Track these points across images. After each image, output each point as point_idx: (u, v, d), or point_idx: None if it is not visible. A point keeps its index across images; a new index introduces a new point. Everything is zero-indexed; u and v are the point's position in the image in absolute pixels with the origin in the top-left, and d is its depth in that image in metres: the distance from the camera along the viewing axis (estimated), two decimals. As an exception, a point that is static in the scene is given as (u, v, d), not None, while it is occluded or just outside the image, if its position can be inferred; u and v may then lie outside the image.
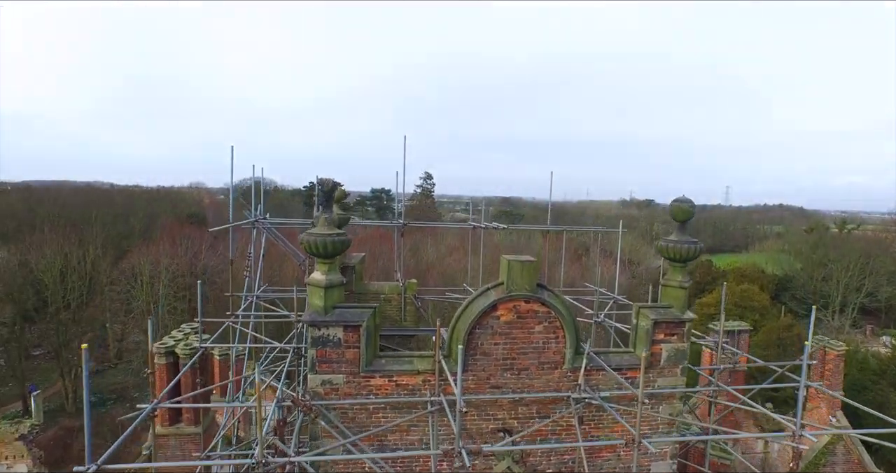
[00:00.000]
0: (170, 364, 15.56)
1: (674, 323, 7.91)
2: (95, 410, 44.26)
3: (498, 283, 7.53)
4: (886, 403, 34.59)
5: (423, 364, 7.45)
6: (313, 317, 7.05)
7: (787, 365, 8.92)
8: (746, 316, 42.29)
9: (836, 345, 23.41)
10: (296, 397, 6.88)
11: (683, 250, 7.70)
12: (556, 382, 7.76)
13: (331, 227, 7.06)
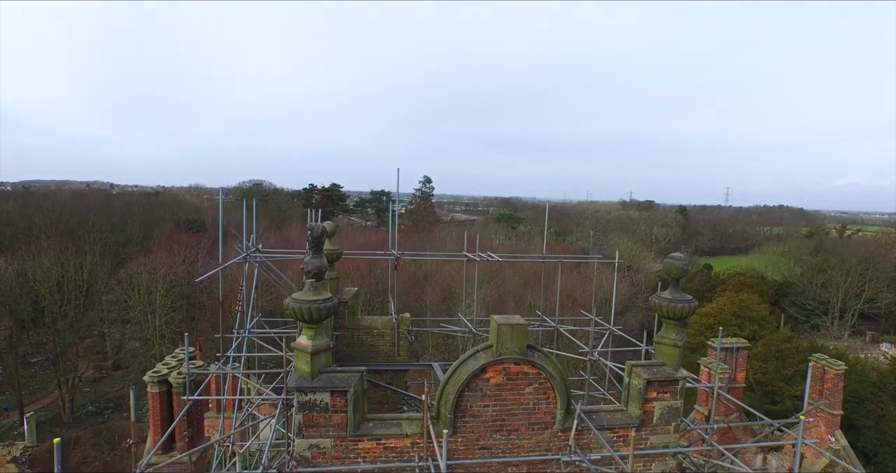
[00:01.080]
0: (163, 392, 15.43)
1: (667, 381, 7.80)
2: (93, 419, 44.20)
3: (487, 346, 7.42)
4: (886, 415, 34.50)
5: (412, 427, 7.35)
6: (300, 383, 6.95)
7: (779, 423, 8.77)
8: (745, 326, 42.22)
9: (835, 364, 23.26)
10: (282, 466, 6.79)
11: (678, 309, 7.59)
12: (546, 443, 7.66)
13: (317, 293, 6.95)
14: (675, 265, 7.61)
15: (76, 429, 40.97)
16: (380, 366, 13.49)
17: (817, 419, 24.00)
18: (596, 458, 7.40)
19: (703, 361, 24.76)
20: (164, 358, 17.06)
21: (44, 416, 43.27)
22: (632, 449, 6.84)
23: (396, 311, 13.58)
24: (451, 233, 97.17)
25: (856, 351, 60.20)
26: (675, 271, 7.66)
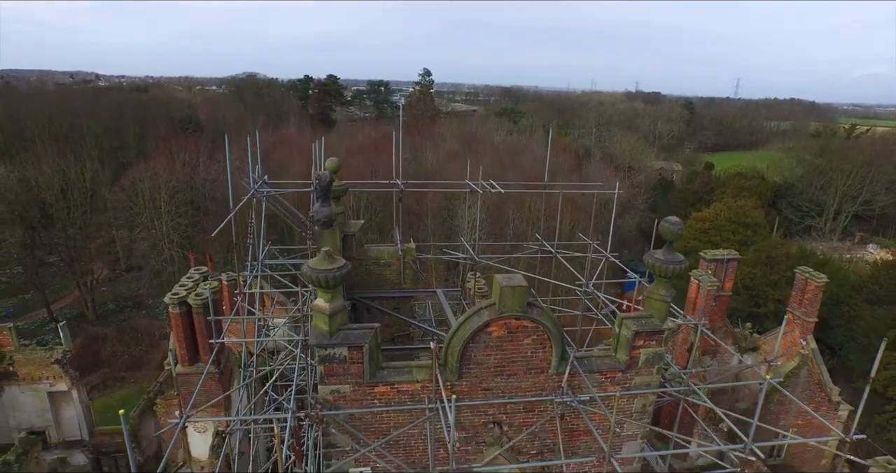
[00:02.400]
0: (183, 312, 16.51)
1: (653, 332, 8.54)
2: (115, 317, 46.98)
3: (490, 304, 8.02)
4: (858, 316, 36.71)
5: (422, 374, 8.21)
6: (320, 340, 7.66)
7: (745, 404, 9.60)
8: (739, 232, 43.30)
9: (817, 277, 24.36)
10: (308, 410, 7.71)
11: (669, 269, 8.09)
12: (542, 385, 8.59)
13: (332, 261, 7.39)
14: (669, 229, 7.97)
15: (100, 326, 43.78)
16: (387, 293, 14.36)
17: (792, 325, 25.64)
18: (584, 399, 8.35)
19: (694, 273, 25.88)
20: (181, 280, 17.98)
21: (69, 314, 45.97)
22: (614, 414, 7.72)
23: (402, 237, 14.14)
24: (451, 128, 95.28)
25: (843, 253, 62.26)
26: (670, 234, 8.04)
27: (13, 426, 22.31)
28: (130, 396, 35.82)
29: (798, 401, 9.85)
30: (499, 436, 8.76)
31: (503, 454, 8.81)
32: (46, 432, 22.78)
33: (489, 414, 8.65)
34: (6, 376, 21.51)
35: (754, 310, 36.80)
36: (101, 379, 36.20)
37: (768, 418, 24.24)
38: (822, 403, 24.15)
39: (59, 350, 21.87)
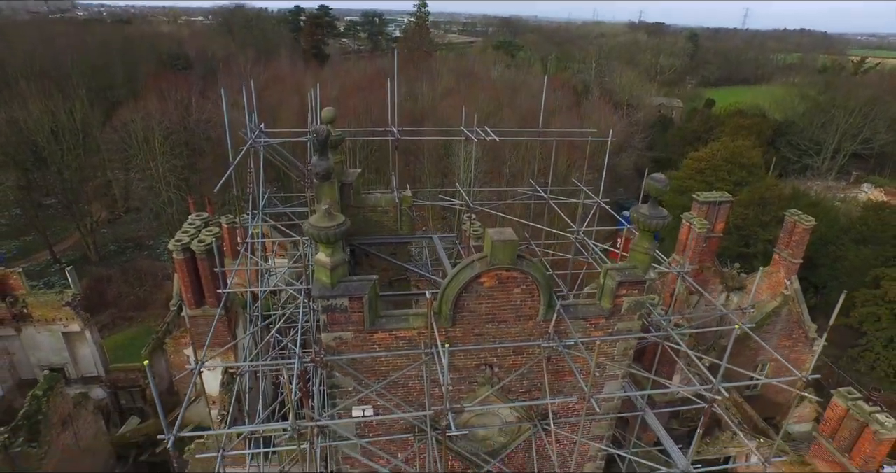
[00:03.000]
0: (188, 258, 17.04)
1: (636, 282, 9.07)
2: (118, 258, 47.76)
3: (482, 256, 8.48)
4: (843, 256, 37.66)
5: (418, 321, 8.80)
6: (322, 292, 8.17)
7: (722, 330, 10.22)
8: (734, 172, 43.42)
9: (805, 220, 24.88)
10: (313, 355, 8.34)
11: (653, 225, 8.50)
12: (530, 330, 9.22)
13: (331, 218, 7.74)
14: (655, 186, 8.29)
15: (104, 268, 44.63)
16: (384, 239, 14.83)
17: (778, 265, 26.45)
18: (570, 344, 9.01)
19: (686, 216, 26.35)
20: (183, 226, 18.38)
21: (72, 256, 46.72)
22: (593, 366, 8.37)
23: (398, 183, 14.41)
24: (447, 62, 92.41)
25: (837, 193, 62.62)
26: (655, 191, 8.37)
27: (34, 363, 23.46)
28: (138, 335, 37.20)
29: (765, 345, 10.53)
30: (490, 377, 9.51)
31: (494, 393, 9.59)
32: (65, 369, 23.96)
33: (481, 357, 9.34)
34: (22, 318, 22.36)
35: (744, 250, 37.65)
36: (109, 318, 37.46)
37: (747, 354, 25.56)
38: (799, 339, 25.39)
39: (69, 293, 22.61)
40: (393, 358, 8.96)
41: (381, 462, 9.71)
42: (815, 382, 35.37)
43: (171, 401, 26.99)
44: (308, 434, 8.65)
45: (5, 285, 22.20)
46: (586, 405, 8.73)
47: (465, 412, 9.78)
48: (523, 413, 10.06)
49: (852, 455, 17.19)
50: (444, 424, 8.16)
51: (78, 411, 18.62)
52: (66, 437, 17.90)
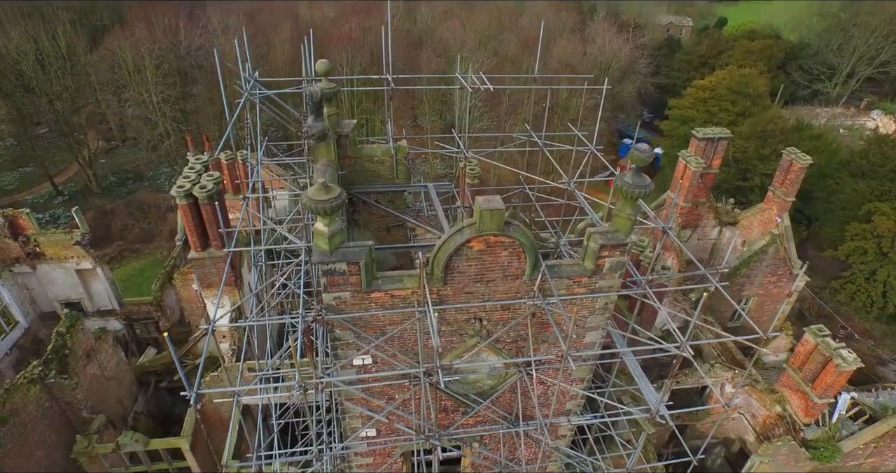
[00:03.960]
0: (191, 203, 17.48)
1: (617, 245, 9.62)
2: (119, 189, 48.14)
3: (472, 223, 8.97)
4: (839, 190, 37.96)
5: (412, 282, 9.46)
6: (322, 258, 8.75)
7: (715, 273, 10.83)
8: (738, 102, 42.62)
9: (802, 158, 25.06)
10: (316, 314, 9.08)
11: (636, 193, 8.90)
12: (516, 289, 9.91)
13: (328, 191, 8.14)
14: (639, 156, 8.60)
15: (106, 199, 45.18)
16: (381, 188, 15.24)
17: (771, 203, 26.96)
18: (553, 301, 9.73)
19: (682, 154, 26.44)
20: (184, 171, 18.64)
21: (73, 187, 47.09)
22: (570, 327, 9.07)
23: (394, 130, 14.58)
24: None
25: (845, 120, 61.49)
26: (639, 161, 8.69)
27: (52, 298, 24.65)
28: (146, 266, 38.46)
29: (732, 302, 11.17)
30: (479, 329, 10.34)
31: (482, 342, 10.47)
32: (81, 302, 25.20)
33: (471, 313, 10.11)
34: (36, 256, 23.20)
35: (741, 184, 37.92)
36: (117, 251, 38.55)
37: (733, 289, 26.66)
38: (783, 275, 26.41)
39: (78, 233, 23.28)
40: (389, 316, 9.73)
41: (380, 405, 10.81)
42: (798, 311, 37.07)
43: (183, 332, 28.56)
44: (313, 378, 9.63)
45: (15, 225, 22.84)
46: (567, 354, 9.59)
47: (457, 352, 10.71)
48: (509, 355, 11.01)
49: (815, 384, 18.65)
50: (434, 380, 9.08)
51: (99, 345, 19.93)
52: (91, 368, 19.31)
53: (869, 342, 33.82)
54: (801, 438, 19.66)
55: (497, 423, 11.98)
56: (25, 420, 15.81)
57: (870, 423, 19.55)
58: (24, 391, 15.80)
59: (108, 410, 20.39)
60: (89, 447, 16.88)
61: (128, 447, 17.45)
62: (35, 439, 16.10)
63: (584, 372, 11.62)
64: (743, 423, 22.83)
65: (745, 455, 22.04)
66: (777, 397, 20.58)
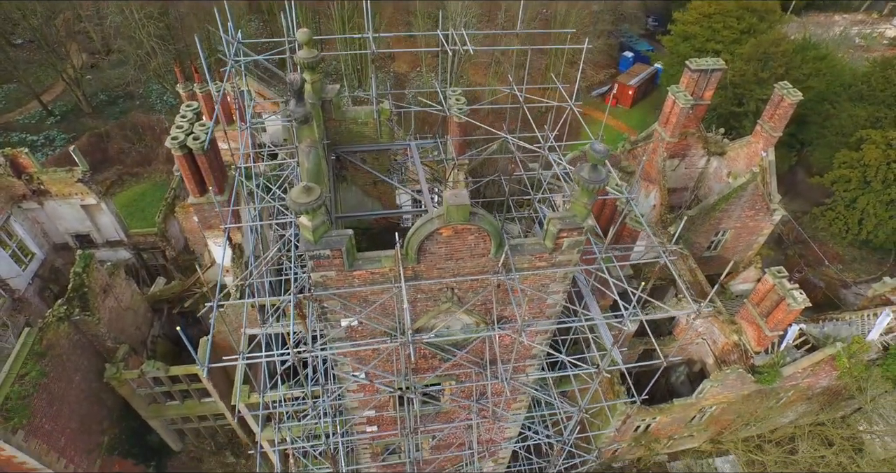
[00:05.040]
0: (186, 154, 18.11)
1: (574, 228, 10.67)
2: (111, 109, 47.62)
3: (440, 215, 9.97)
4: (835, 115, 37.74)
5: (389, 262, 10.65)
6: (307, 246, 9.86)
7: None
8: (745, 18, 40.80)
9: (792, 94, 25.19)
10: (304, 292, 10.36)
11: (592, 188, 9.80)
12: (483, 265, 11.12)
13: (309, 193, 9.04)
14: (595, 156, 9.38)
15: (98, 120, 44.91)
16: (366, 148, 15.92)
17: (759, 136, 27.37)
18: (515, 276, 10.99)
19: (672, 89, 26.37)
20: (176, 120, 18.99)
21: (63, 106, 46.50)
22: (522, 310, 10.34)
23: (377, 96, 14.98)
24: None
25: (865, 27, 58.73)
26: (595, 159, 9.49)
27: (62, 231, 26.00)
28: (147, 191, 39.39)
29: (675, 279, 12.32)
30: (451, 296, 11.71)
31: (454, 307, 11.90)
32: (90, 235, 26.59)
33: (443, 283, 11.42)
34: (41, 193, 24.19)
35: (735, 109, 37.58)
36: (116, 175, 39.25)
37: (711, 222, 27.90)
38: (761, 210, 27.48)
39: (79, 170, 24.04)
40: (370, 289, 11.05)
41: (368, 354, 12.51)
42: (777, 237, 38.60)
43: (189, 259, 30.29)
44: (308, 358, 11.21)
45: (16, 164, 23.55)
46: (521, 328, 11.06)
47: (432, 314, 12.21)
48: (480, 318, 12.52)
49: (769, 319, 20.55)
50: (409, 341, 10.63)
51: (113, 279, 21.59)
52: (109, 302, 21.15)
53: (838, 266, 35.70)
54: (751, 364, 21.99)
55: (471, 367, 13.83)
56: (60, 352, 17.84)
57: (811, 351, 21.78)
58: (54, 328, 17.66)
59: (129, 337, 22.59)
60: (118, 373, 19.12)
61: (151, 373, 19.73)
62: (71, 367, 18.28)
63: (546, 325, 13.19)
64: (705, 347, 25.22)
65: (705, 375, 24.67)
66: (735, 328, 22.64)
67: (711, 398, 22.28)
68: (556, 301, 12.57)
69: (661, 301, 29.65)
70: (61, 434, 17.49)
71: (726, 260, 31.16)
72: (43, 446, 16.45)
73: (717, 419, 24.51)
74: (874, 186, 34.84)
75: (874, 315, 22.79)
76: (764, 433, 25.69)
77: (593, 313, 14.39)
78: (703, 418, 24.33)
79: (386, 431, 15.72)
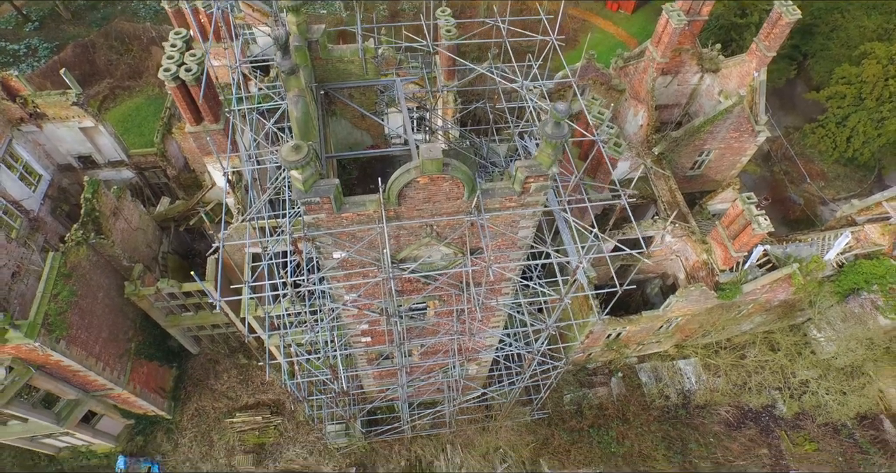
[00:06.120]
0: (180, 85, 18.54)
1: (540, 174, 11.76)
2: (91, 14, 45.84)
3: (417, 166, 11.02)
4: (842, 26, 36.64)
5: (373, 205, 11.87)
6: (299, 195, 11.03)
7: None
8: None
9: (791, 13, 24.85)
10: (296, 240, 11.68)
11: (555, 142, 10.75)
12: (457, 207, 12.34)
13: (298, 151, 10.03)
14: (556, 114, 10.24)
15: (79, 27, 43.47)
16: (353, 84, 16.44)
17: (753, 55, 27.29)
18: (487, 216, 12.28)
19: (666, 8, 25.80)
20: (166, 50, 19.13)
21: (39, 11, 44.62)
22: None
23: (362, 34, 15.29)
24: None
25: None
26: (556, 117, 10.36)
27: (64, 152, 26.87)
28: (141, 105, 39.33)
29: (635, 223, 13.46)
30: (430, 232, 13.08)
31: (434, 241, 13.33)
32: (92, 156, 27.46)
33: (423, 221, 12.74)
34: (38, 116, 24.73)
35: (737, 21, 36.35)
36: (108, 89, 38.97)
37: (696, 143, 28.62)
38: (745, 131, 28.06)
39: (72, 93, 24.33)
40: (357, 228, 12.39)
41: (359, 282, 14.18)
42: (766, 154, 39.21)
43: (190, 177, 31.37)
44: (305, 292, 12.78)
45: (8, 87, 23.84)
46: (489, 266, 12.52)
47: (414, 247, 13.72)
48: (457, 249, 14.01)
49: (735, 241, 22.15)
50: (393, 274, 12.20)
51: (121, 203, 22.91)
52: (120, 223, 22.64)
53: (820, 183, 36.75)
54: (716, 281, 23.96)
55: (451, 291, 15.58)
56: (83, 272, 19.65)
57: (772, 270, 23.62)
58: (75, 252, 19.30)
59: (141, 255, 24.38)
60: (136, 290, 21.10)
61: (166, 289, 21.71)
62: (94, 285, 20.19)
63: (518, 254, 14.72)
64: (678, 263, 27.15)
65: (677, 288, 26.81)
66: (706, 247, 24.33)
67: (677, 311, 24.51)
68: (526, 234, 13.96)
69: (642, 218, 31.16)
70: (95, 342, 19.84)
71: (709, 179, 32.24)
72: (82, 352, 18.85)
73: (683, 328, 27.04)
74: (867, 104, 34.84)
75: (835, 236, 24.32)
76: (722, 340, 28.42)
77: (565, 241, 15.89)
78: (670, 327, 26.84)
79: (379, 344, 17.93)
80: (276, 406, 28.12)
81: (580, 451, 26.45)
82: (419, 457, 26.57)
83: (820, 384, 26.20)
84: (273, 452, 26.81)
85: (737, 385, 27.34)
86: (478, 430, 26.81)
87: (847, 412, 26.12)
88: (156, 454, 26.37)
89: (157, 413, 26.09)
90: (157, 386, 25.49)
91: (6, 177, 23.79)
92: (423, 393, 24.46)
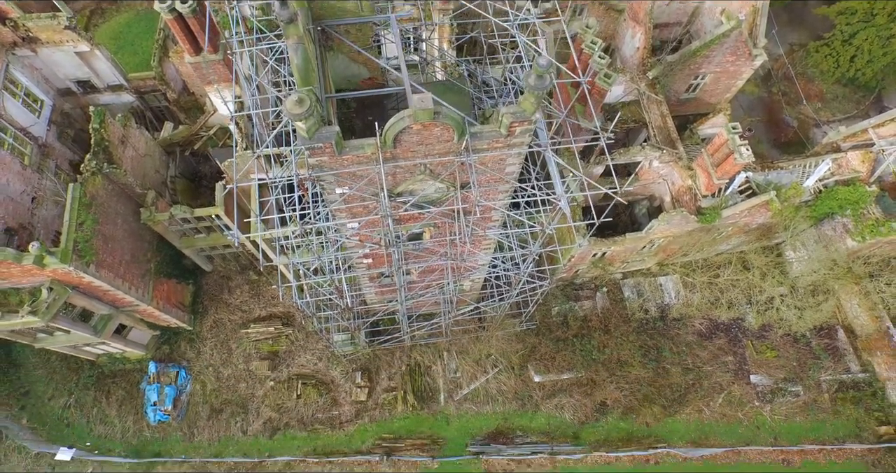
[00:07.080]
0: (177, 17, 18.66)
1: (524, 120, 12.71)
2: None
3: (410, 114, 11.96)
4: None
5: (371, 148, 12.92)
6: (304, 142, 12.07)
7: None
8: None
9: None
10: (301, 179, 12.82)
11: (537, 93, 11.61)
12: (448, 148, 13.39)
13: (301, 105, 10.93)
14: (539, 69, 11.01)
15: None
16: (349, 21, 16.68)
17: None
18: (476, 157, 13.39)
19: None
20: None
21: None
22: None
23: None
24: None
25: None
26: (539, 72, 11.14)
27: (62, 77, 27.12)
28: (131, 21, 38.39)
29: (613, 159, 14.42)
30: (424, 170, 14.25)
31: (428, 178, 14.53)
32: (91, 80, 27.70)
33: (417, 161, 13.87)
34: (31, 40, 24.72)
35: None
36: (95, 3, 37.79)
37: (692, 67, 28.65)
38: (742, 55, 28.00)
39: (63, 16, 24.10)
40: (357, 167, 13.54)
41: (359, 212, 15.57)
42: (766, 72, 38.84)
43: (190, 100, 31.73)
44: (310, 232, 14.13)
45: (-4, 10, 23.57)
46: (476, 205, 13.81)
47: (410, 182, 14.98)
48: (450, 183, 15.26)
49: (718, 168, 23.24)
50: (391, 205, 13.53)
51: (127, 130, 23.71)
52: (129, 151, 23.60)
53: (817, 104, 36.88)
54: (698, 206, 25.30)
55: (445, 220, 17.02)
56: (101, 200, 20.99)
57: (753, 196, 24.84)
58: (91, 181, 20.50)
59: (151, 180, 25.55)
60: (151, 216, 22.55)
61: (179, 215, 23.15)
62: (113, 212, 21.61)
63: (505, 187, 15.98)
64: (665, 187, 28.37)
65: (662, 210, 28.23)
66: (691, 173, 25.41)
67: (659, 233, 26.10)
68: (513, 170, 15.13)
69: (633, 142, 31.89)
70: (119, 264, 21.66)
71: (703, 102, 32.44)
72: (109, 274, 20.74)
73: (665, 248, 28.81)
74: (878, 20, 34.04)
75: (816, 163, 25.28)
76: (700, 260, 30.34)
77: (552, 174, 17.02)
78: (653, 248, 28.60)
79: (379, 266, 19.68)
80: (287, 317, 30.72)
81: (564, 358, 29.35)
82: (418, 363, 29.56)
83: (783, 300, 28.48)
84: (286, 358, 29.78)
85: (710, 301, 29.67)
86: (471, 339, 29.57)
87: (805, 324, 28.67)
88: (182, 360, 29.33)
89: (179, 325, 28.67)
90: (178, 302, 27.80)
91: (11, 104, 24.32)
92: (421, 306, 26.81)
